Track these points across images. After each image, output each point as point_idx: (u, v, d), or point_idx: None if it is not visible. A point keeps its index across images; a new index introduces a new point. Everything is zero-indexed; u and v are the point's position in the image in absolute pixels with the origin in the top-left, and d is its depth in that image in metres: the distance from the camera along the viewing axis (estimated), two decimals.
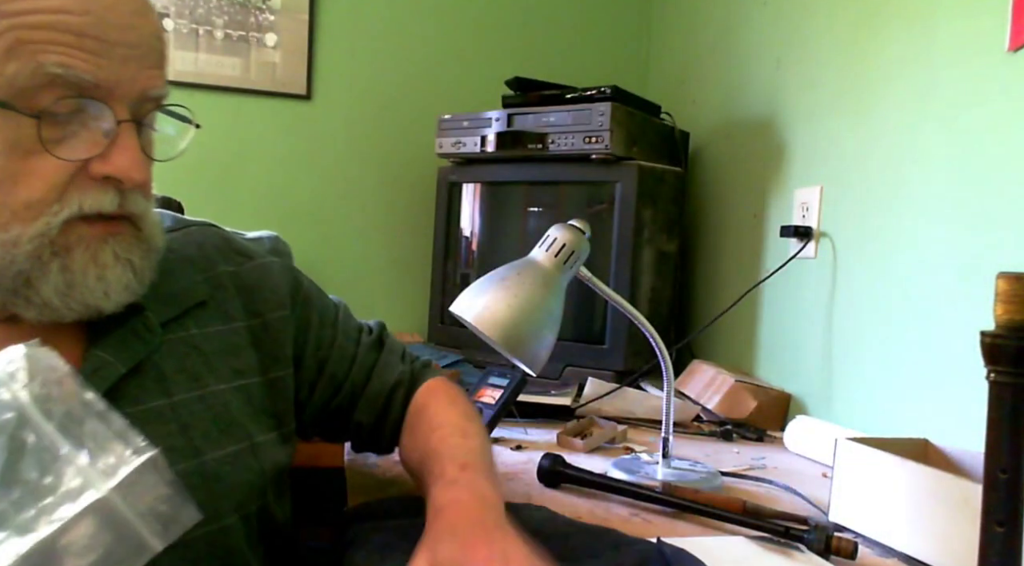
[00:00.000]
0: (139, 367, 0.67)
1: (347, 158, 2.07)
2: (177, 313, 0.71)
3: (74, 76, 0.57)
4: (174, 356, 0.70)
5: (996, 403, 0.60)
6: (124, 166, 0.60)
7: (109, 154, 0.60)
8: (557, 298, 1.01)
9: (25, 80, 0.57)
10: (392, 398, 0.88)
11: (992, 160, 1.10)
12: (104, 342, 0.65)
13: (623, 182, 1.62)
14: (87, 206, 0.60)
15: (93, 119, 0.60)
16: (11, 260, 0.59)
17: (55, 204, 0.59)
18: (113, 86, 0.60)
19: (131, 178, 0.61)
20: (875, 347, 1.31)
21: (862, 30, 1.39)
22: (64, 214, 0.59)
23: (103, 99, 0.60)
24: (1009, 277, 0.59)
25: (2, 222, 0.58)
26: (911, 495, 0.85)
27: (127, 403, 0.65)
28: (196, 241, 0.78)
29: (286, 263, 0.85)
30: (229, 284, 0.77)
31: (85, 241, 0.61)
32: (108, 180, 0.61)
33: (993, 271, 0.60)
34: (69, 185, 0.59)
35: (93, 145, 0.60)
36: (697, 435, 1.42)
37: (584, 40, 2.23)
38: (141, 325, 0.68)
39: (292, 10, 1.99)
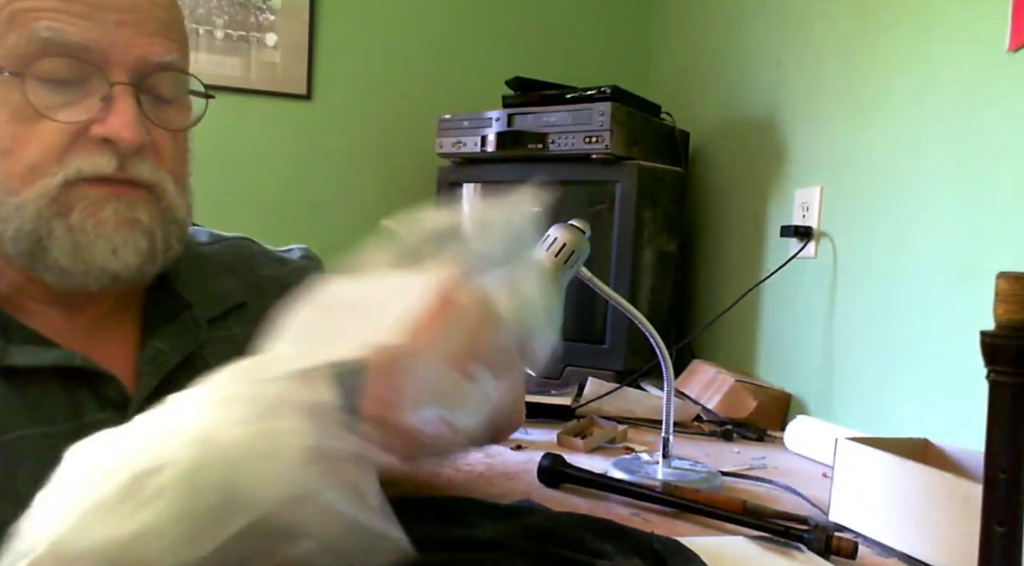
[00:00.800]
0: (189, 359, 0.70)
1: (347, 158, 2.07)
2: (220, 312, 0.74)
3: (63, 39, 0.60)
4: (219, 353, 0.72)
5: (996, 403, 0.60)
6: (115, 126, 0.61)
7: (105, 117, 0.62)
8: (557, 298, 1.01)
9: (21, 47, 0.60)
10: None
11: (992, 160, 1.10)
12: (159, 333, 0.69)
13: (623, 182, 1.62)
14: (85, 168, 0.61)
15: (91, 87, 0.62)
16: (22, 222, 0.61)
17: (54, 166, 0.61)
18: (106, 50, 0.61)
19: (122, 138, 0.62)
20: (875, 347, 1.31)
21: (862, 30, 1.39)
22: (61, 175, 0.61)
23: (96, 62, 0.61)
24: (1009, 277, 0.59)
25: (13, 187, 0.61)
26: (911, 495, 0.85)
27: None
28: (235, 251, 0.81)
29: (319, 267, 0.87)
30: (269, 287, 0.79)
31: (85, 200, 0.62)
32: (106, 143, 0.62)
33: (993, 271, 0.60)
34: (69, 149, 0.61)
35: (90, 109, 0.62)
36: (697, 435, 1.42)
37: (584, 40, 2.23)
38: (190, 320, 0.71)
39: (292, 10, 1.99)
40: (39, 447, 0.60)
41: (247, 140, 1.98)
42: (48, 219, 0.61)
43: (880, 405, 1.29)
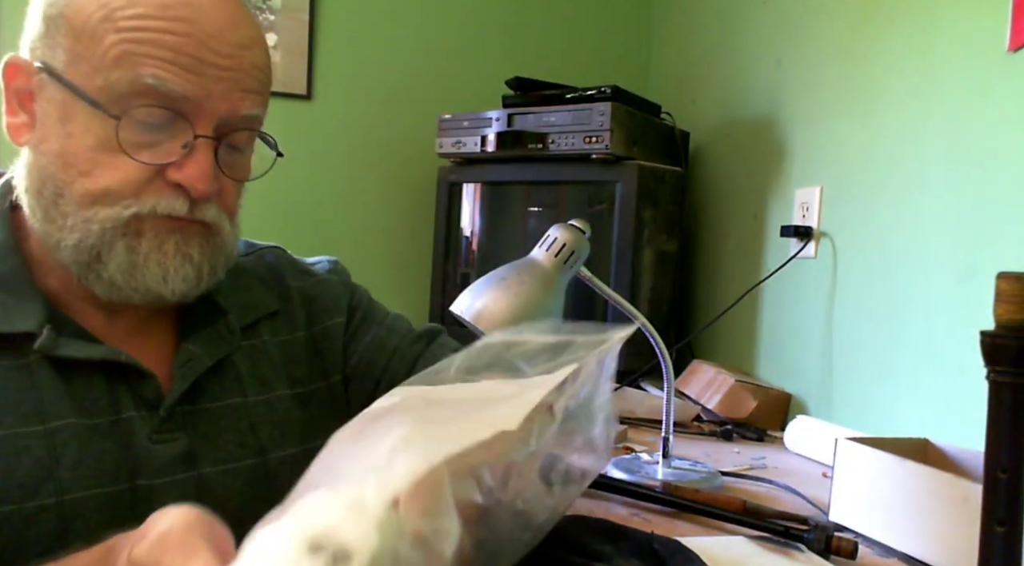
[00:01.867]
0: (221, 365, 0.73)
1: (347, 158, 2.06)
2: (252, 320, 0.78)
3: (165, 89, 0.63)
4: (249, 360, 0.76)
5: (996, 403, 0.60)
6: (192, 176, 0.65)
7: (183, 164, 0.65)
8: (557, 298, 1.01)
9: (124, 87, 0.63)
10: None
11: (992, 160, 1.10)
12: (194, 338, 0.72)
13: (623, 182, 1.62)
14: (160, 208, 0.65)
15: (178, 133, 0.65)
16: (86, 234, 0.64)
17: (130, 198, 0.65)
18: (202, 101, 0.65)
19: (195, 188, 0.66)
20: (875, 347, 1.31)
21: (862, 30, 1.39)
22: (136, 208, 0.65)
23: (188, 113, 0.65)
24: (1009, 277, 0.59)
25: (85, 203, 0.64)
26: (911, 495, 0.85)
27: (208, 398, 0.72)
28: (266, 262, 0.84)
29: (344, 279, 0.89)
30: (295, 296, 0.83)
31: (154, 230, 0.66)
32: (180, 187, 0.66)
33: (993, 271, 0.60)
34: (147, 186, 0.65)
35: (171, 154, 0.65)
36: (697, 435, 1.42)
37: (584, 40, 2.23)
38: (224, 327, 0.75)
39: (292, 10, 1.99)
40: (81, 437, 0.64)
41: None
42: (113, 240, 0.65)
43: (880, 405, 1.29)
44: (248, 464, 0.72)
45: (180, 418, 0.69)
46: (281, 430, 0.76)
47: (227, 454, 0.71)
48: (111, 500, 0.64)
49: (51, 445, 0.63)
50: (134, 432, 0.66)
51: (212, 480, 0.70)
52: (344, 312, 0.86)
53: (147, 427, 0.67)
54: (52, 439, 0.63)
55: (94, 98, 0.63)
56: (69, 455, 0.63)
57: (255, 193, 1.85)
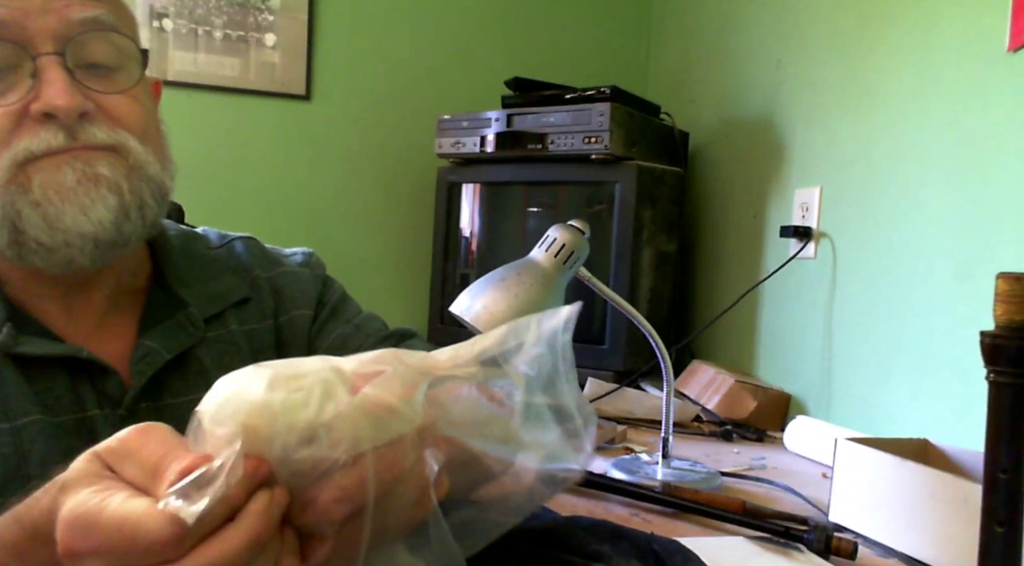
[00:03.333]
0: (183, 359, 0.70)
1: (347, 158, 2.06)
2: (218, 310, 0.74)
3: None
4: (215, 352, 0.73)
5: (996, 403, 0.60)
6: (48, 96, 0.60)
7: (37, 91, 0.60)
8: (556, 298, 1.00)
9: None
10: None
11: (992, 160, 1.10)
12: (151, 332, 0.69)
13: (623, 182, 1.62)
14: (34, 147, 0.61)
15: (18, 65, 0.61)
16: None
17: (3, 150, 0.60)
18: (21, 21, 0.60)
19: (58, 107, 0.60)
20: (875, 347, 1.31)
21: (862, 30, 1.39)
22: (9, 158, 0.60)
23: (16, 38, 0.60)
24: (1009, 277, 0.59)
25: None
26: (911, 495, 0.85)
27: (170, 394, 0.69)
28: (237, 252, 0.82)
29: (316, 273, 0.86)
30: (265, 286, 0.81)
31: (41, 172, 0.61)
32: (48, 117, 0.61)
33: (993, 271, 0.60)
34: (15, 131, 0.61)
35: (23, 89, 0.61)
36: (697, 435, 1.42)
37: (584, 40, 2.23)
38: (185, 319, 0.71)
39: (291, 10, 1.99)
40: (48, 434, 0.62)
41: (246, 140, 1.98)
42: (12, 202, 0.61)
43: (880, 405, 1.29)
44: None
45: (142, 415, 0.66)
46: None
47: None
48: None
49: (18, 442, 0.61)
50: (98, 431, 0.64)
51: None
52: (312, 305, 0.83)
53: (109, 426, 0.64)
54: (19, 436, 0.61)
55: None
56: (36, 452, 0.61)
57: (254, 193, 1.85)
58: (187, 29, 1.93)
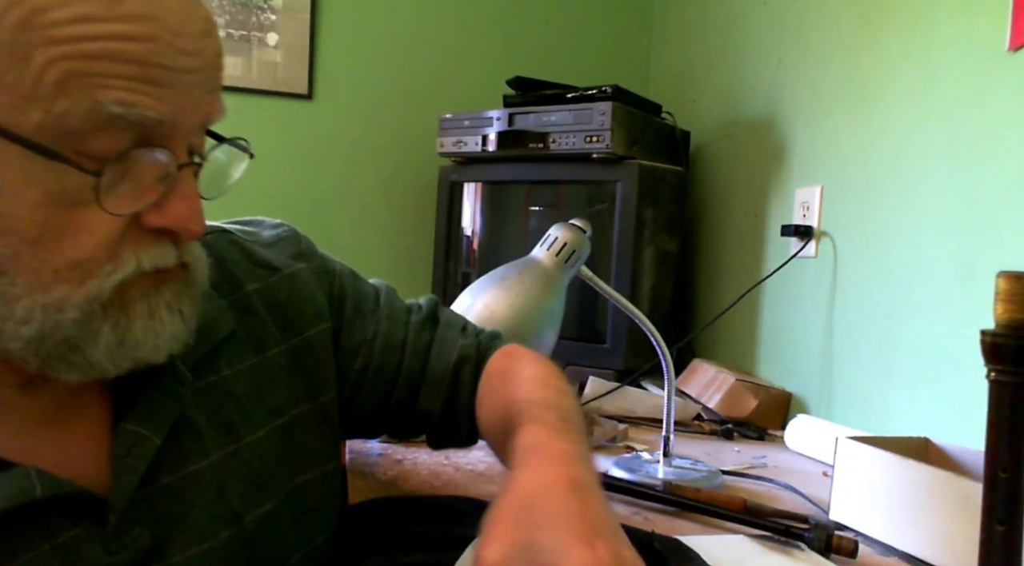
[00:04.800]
0: (175, 429, 0.59)
1: (348, 157, 2.07)
2: (207, 350, 0.63)
3: (137, 115, 0.47)
4: (207, 407, 0.62)
5: (996, 402, 0.60)
6: (183, 217, 0.51)
7: (165, 203, 0.51)
8: (558, 297, 1.01)
9: (78, 121, 0.46)
10: (458, 377, 0.76)
11: (992, 160, 1.11)
12: (133, 413, 0.57)
13: (624, 181, 1.62)
14: (146, 263, 0.51)
15: (146, 163, 0.50)
16: (55, 325, 0.49)
17: (107, 264, 0.50)
18: (176, 120, 0.50)
19: (190, 231, 0.52)
20: (875, 346, 1.32)
21: (863, 30, 1.39)
22: (118, 275, 0.50)
23: (164, 140, 0.50)
24: (1009, 276, 0.59)
25: (44, 283, 0.48)
26: (911, 494, 0.85)
27: (165, 473, 0.58)
28: (216, 257, 0.66)
29: (313, 265, 0.76)
30: (259, 306, 0.69)
31: (142, 295, 0.52)
32: (163, 231, 0.52)
33: (993, 271, 0.60)
34: (121, 240, 0.50)
35: (145, 192, 0.50)
36: (698, 434, 1.42)
37: (585, 39, 2.23)
38: (170, 378, 0.59)
39: (293, 9, 1.99)
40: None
41: (248, 140, 1.97)
42: (96, 326, 0.50)
43: (880, 404, 1.29)
44: (223, 538, 0.60)
45: (135, 512, 0.55)
46: (256, 482, 0.63)
47: (199, 534, 0.58)
48: None
49: None
50: (82, 550, 0.53)
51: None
52: (327, 314, 0.73)
53: (97, 540, 0.53)
54: None
55: (35, 141, 0.46)
56: None
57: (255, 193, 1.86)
58: None
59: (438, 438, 0.80)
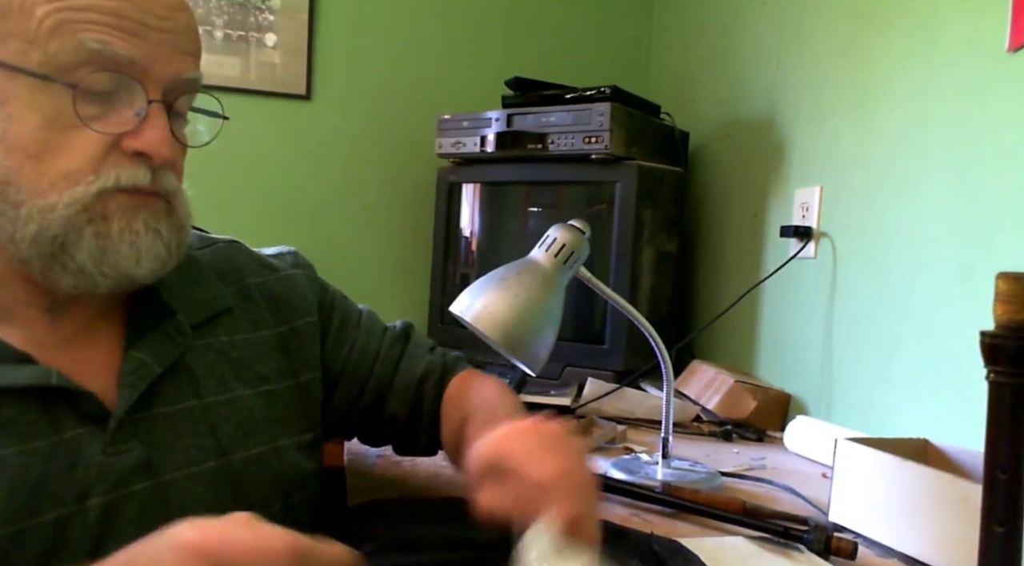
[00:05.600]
0: (173, 368, 0.70)
1: (347, 158, 2.06)
2: (206, 318, 0.75)
3: (111, 52, 0.61)
4: (204, 360, 0.73)
5: (996, 403, 0.60)
6: (154, 142, 0.63)
7: (140, 131, 0.63)
8: (557, 298, 1.00)
9: (66, 56, 0.60)
10: (423, 388, 0.88)
11: (992, 160, 1.10)
12: (141, 344, 0.69)
13: (623, 182, 1.62)
14: (124, 179, 0.63)
15: (127, 100, 0.63)
16: (47, 225, 0.61)
17: (91, 175, 0.62)
18: (147, 66, 0.63)
19: (159, 154, 0.64)
20: (875, 347, 1.31)
21: (862, 30, 1.39)
22: (98, 184, 0.62)
23: (137, 77, 0.63)
24: (1009, 277, 0.59)
25: (40, 190, 0.61)
26: (911, 495, 0.85)
27: (163, 402, 0.69)
28: (224, 256, 0.82)
29: (309, 274, 0.88)
30: (257, 295, 0.81)
31: (121, 210, 0.63)
32: (139, 156, 0.64)
33: (993, 271, 0.60)
34: (104, 159, 0.63)
35: (125, 122, 0.63)
36: (697, 435, 1.42)
37: (584, 40, 2.23)
38: (173, 328, 0.71)
39: (292, 10, 1.99)
40: (13, 467, 0.60)
41: (246, 140, 1.97)
42: (79, 226, 0.62)
43: (880, 405, 1.29)
44: (209, 467, 0.69)
45: (132, 427, 0.66)
46: (245, 430, 0.73)
47: (186, 458, 0.68)
48: (55, 527, 0.60)
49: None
50: (83, 449, 0.63)
51: (173, 487, 0.66)
52: (315, 312, 0.85)
53: (98, 441, 0.63)
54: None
55: (39, 72, 0.60)
56: (3, 486, 0.59)
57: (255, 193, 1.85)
58: None
59: (402, 444, 0.92)
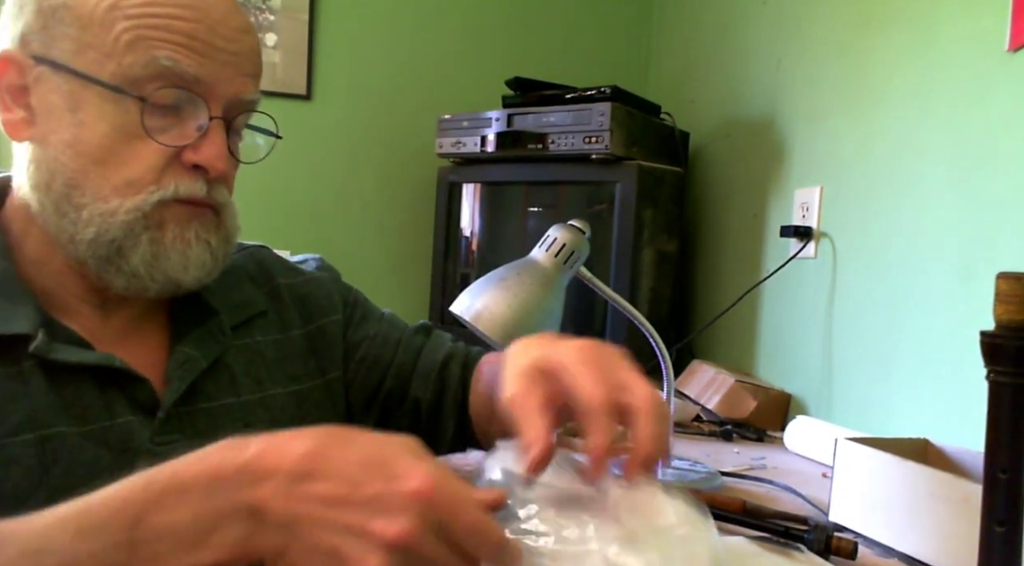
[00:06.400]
0: (215, 365, 0.73)
1: (347, 158, 2.06)
2: (243, 319, 0.78)
3: (180, 69, 0.65)
4: (242, 359, 0.76)
5: (996, 403, 0.60)
6: (212, 156, 0.67)
7: (200, 145, 0.67)
8: (557, 298, 1.00)
9: (139, 70, 0.64)
10: (446, 371, 0.87)
11: (992, 160, 1.10)
12: (187, 339, 0.72)
13: (623, 182, 1.62)
14: (182, 190, 0.66)
15: (190, 114, 0.67)
16: (107, 229, 0.64)
17: (152, 184, 0.65)
18: (212, 84, 0.67)
19: (215, 168, 0.67)
20: (875, 347, 1.31)
21: (862, 30, 1.39)
22: (159, 194, 0.65)
23: (202, 94, 0.67)
24: (1009, 277, 0.59)
25: (103, 195, 0.64)
26: (911, 495, 0.85)
27: (204, 398, 0.71)
28: (255, 260, 0.85)
29: (334, 276, 0.91)
30: (285, 295, 0.84)
31: (176, 219, 0.67)
32: (197, 169, 0.67)
33: (993, 271, 0.60)
34: (165, 170, 0.66)
35: (187, 136, 0.67)
36: (697, 435, 1.42)
37: (584, 40, 2.22)
38: (216, 327, 0.75)
39: (292, 10, 1.99)
40: (72, 445, 0.63)
41: (246, 140, 1.97)
42: (137, 232, 0.65)
43: (880, 405, 1.29)
44: None
45: (177, 420, 0.69)
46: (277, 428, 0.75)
47: None
48: None
49: (41, 454, 0.62)
50: (133, 437, 0.66)
51: None
52: (340, 310, 0.87)
53: (147, 431, 0.67)
54: (43, 448, 0.62)
55: (112, 83, 0.64)
56: (60, 464, 0.62)
57: (255, 193, 1.86)
58: None
59: (426, 433, 0.88)
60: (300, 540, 0.45)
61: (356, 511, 0.44)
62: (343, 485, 0.45)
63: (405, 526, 0.44)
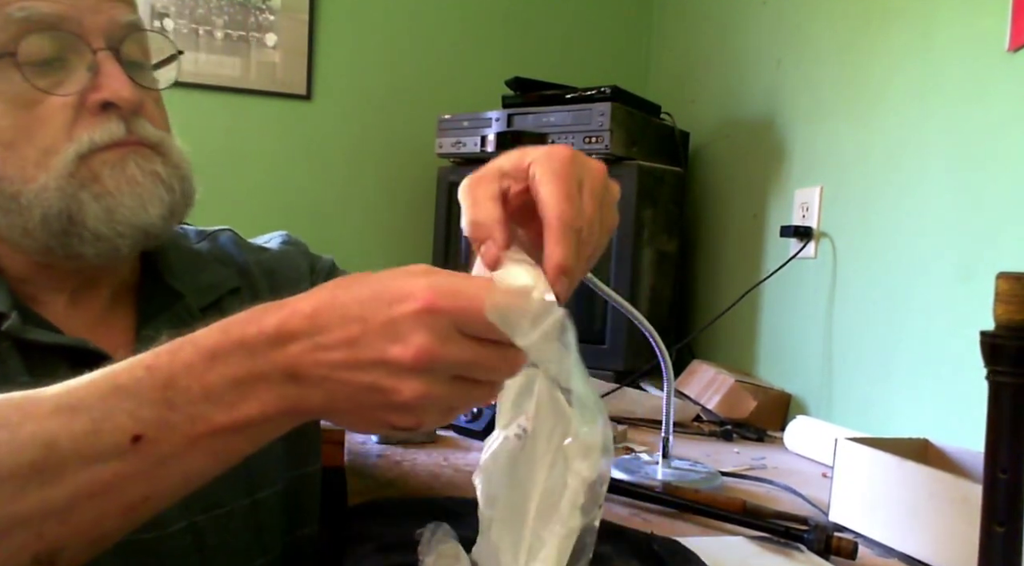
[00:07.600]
0: None
1: (347, 158, 2.07)
2: (213, 300, 0.76)
3: (37, 14, 0.61)
4: None
5: (996, 403, 0.60)
6: (114, 88, 0.63)
7: (97, 83, 0.64)
8: None
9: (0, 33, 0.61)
10: None
11: (992, 160, 1.10)
12: (153, 323, 0.71)
13: (623, 182, 1.61)
14: (97, 137, 0.63)
15: (75, 60, 0.64)
16: (48, 205, 0.62)
17: (65, 143, 0.63)
18: (78, 18, 0.63)
19: (122, 97, 0.64)
20: (875, 347, 1.31)
21: (862, 30, 1.39)
22: (73, 150, 0.62)
23: (74, 32, 0.63)
24: (1009, 277, 0.59)
25: (28, 175, 0.62)
26: (911, 495, 0.85)
27: None
28: (220, 243, 0.83)
29: (301, 249, 0.90)
30: (255, 271, 0.82)
31: (108, 165, 0.64)
32: (107, 108, 0.64)
33: (993, 271, 0.60)
34: (75, 124, 0.63)
35: (81, 79, 0.64)
36: (697, 435, 1.42)
37: (584, 40, 2.23)
38: (183, 310, 0.73)
39: (292, 10, 1.99)
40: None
41: (247, 140, 1.98)
42: (74, 193, 0.63)
43: (880, 405, 1.29)
44: None
45: None
46: None
47: None
48: None
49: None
50: None
51: None
52: (307, 277, 0.86)
53: None
54: None
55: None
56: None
57: (255, 193, 1.84)
58: (188, 29, 1.93)
59: None
60: (340, 389, 0.46)
61: (373, 345, 0.45)
62: (354, 325, 0.46)
63: (419, 345, 0.44)
